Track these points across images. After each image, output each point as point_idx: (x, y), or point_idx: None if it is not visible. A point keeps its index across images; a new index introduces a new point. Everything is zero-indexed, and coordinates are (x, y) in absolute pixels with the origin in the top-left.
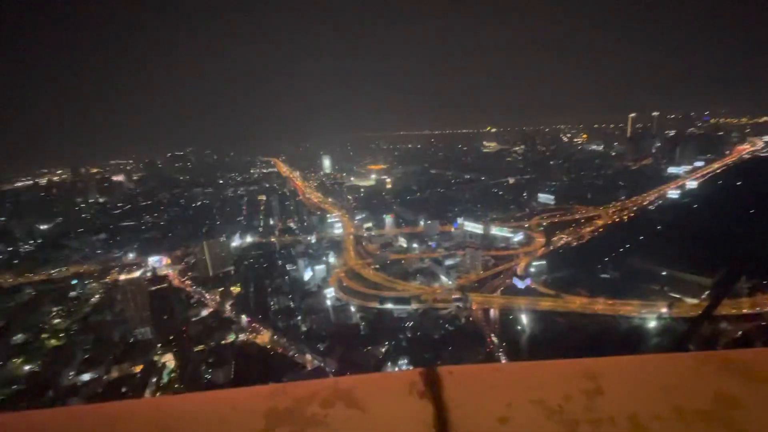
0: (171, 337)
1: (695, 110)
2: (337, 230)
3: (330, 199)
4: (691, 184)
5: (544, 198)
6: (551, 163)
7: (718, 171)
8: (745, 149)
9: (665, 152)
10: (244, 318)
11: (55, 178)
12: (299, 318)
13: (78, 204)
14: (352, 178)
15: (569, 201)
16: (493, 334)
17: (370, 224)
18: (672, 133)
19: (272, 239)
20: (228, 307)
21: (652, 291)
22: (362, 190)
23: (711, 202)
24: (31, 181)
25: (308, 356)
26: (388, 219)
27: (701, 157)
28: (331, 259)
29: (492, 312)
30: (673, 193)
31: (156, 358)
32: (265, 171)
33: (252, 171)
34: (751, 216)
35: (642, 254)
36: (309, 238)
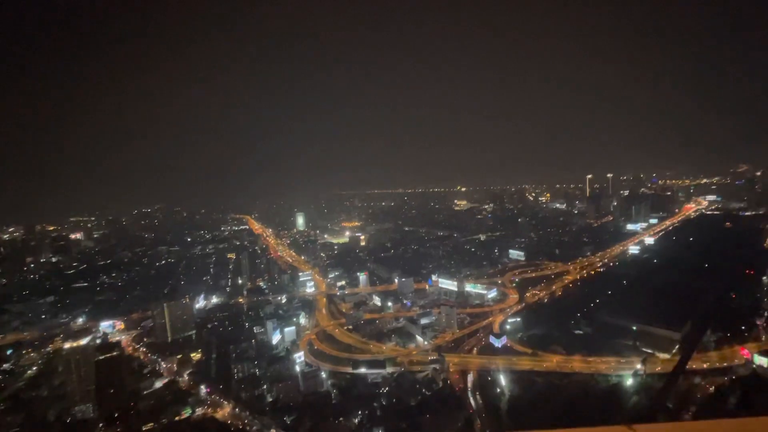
0: (116, 414)
1: (644, 172)
2: (310, 289)
3: (303, 257)
4: (649, 240)
5: (515, 254)
6: (519, 220)
7: (671, 228)
8: (692, 208)
9: (622, 210)
10: (203, 389)
11: (6, 236)
12: (265, 387)
13: (27, 264)
14: (326, 236)
15: (539, 257)
16: (471, 399)
17: (343, 282)
18: (626, 192)
19: (240, 300)
20: (186, 376)
21: (625, 346)
22: (336, 247)
23: (669, 257)
24: None
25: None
26: (362, 277)
27: (654, 215)
28: (302, 320)
29: (470, 374)
30: (633, 249)
31: None
32: (236, 228)
33: (222, 228)
34: (706, 269)
35: (611, 309)
36: (279, 298)
